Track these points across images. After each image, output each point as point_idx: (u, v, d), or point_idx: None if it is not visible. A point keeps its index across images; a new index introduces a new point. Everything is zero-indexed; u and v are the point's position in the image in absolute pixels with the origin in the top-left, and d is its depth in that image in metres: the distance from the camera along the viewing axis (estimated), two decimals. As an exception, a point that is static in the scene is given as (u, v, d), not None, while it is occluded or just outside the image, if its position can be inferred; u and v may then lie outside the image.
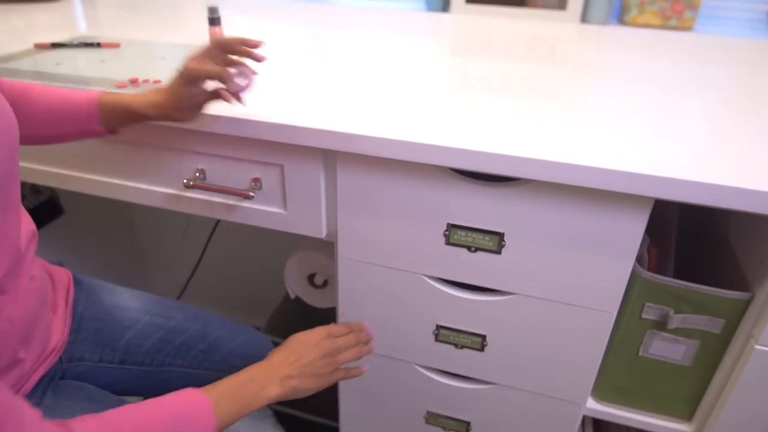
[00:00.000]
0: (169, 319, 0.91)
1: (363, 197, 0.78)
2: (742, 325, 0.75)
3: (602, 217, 0.69)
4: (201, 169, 0.85)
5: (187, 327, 0.92)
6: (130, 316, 0.87)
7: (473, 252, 0.77)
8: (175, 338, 0.90)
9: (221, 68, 0.67)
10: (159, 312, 0.91)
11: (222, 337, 0.94)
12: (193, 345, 0.91)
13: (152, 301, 0.93)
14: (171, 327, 0.90)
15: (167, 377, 0.90)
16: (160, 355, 0.88)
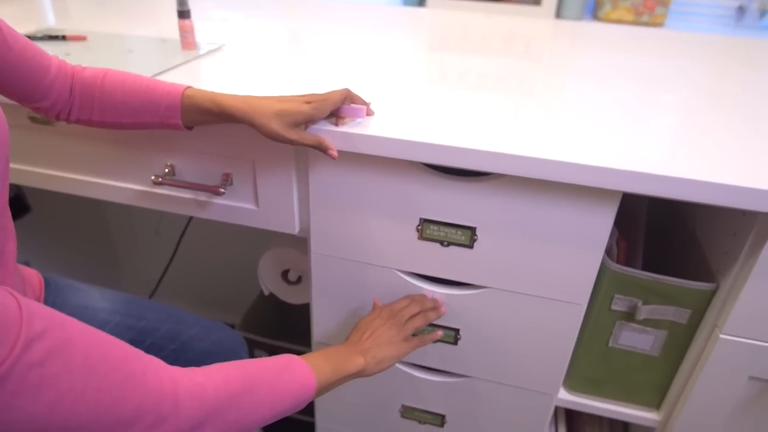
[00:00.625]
0: (139, 319, 0.89)
1: (335, 193, 0.78)
2: (708, 315, 0.76)
3: (572, 211, 0.70)
4: (170, 165, 0.84)
5: (158, 327, 0.90)
6: (99, 317, 0.85)
7: (446, 246, 0.77)
8: (145, 339, 0.88)
9: (321, 138, 0.70)
10: (129, 312, 0.89)
11: (194, 336, 0.92)
12: (164, 345, 0.89)
13: (123, 301, 0.91)
14: (141, 327, 0.88)
15: None
16: None
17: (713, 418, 0.81)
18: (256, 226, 0.84)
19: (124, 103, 0.71)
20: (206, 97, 0.69)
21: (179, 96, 0.69)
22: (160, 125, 0.72)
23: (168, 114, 0.70)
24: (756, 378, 0.76)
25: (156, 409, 0.47)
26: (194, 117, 0.70)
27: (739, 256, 0.71)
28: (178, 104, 0.69)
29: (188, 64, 0.93)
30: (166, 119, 0.71)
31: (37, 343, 0.40)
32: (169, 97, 0.70)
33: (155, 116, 0.71)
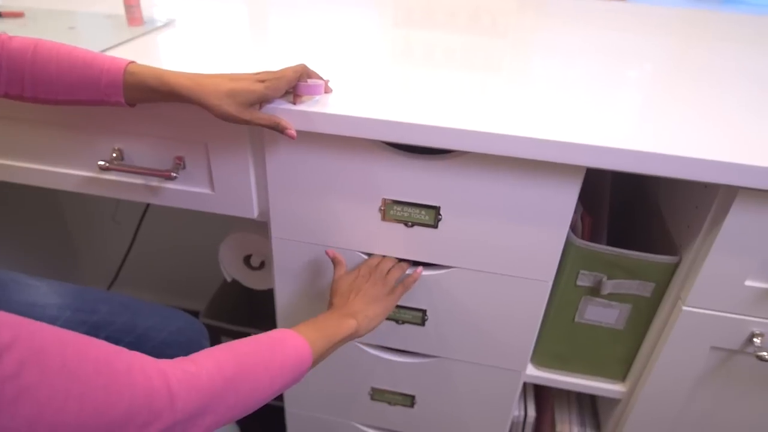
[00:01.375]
0: (92, 312, 0.85)
1: (294, 174, 0.75)
2: (671, 287, 0.77)
3: (536, 187, 0.69)
4: (118, 149, 0.79)
5: (113, 320, 0.86)
6: (48, 313, 0.81)
7: (410, 227, 0.75)
8: (99, 333, 0.83)
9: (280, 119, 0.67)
10: (81, 306, 0.85)
11: (152, 326, 0.88)
12: (120, 338, 0.85)
13: (74, 294, 0.86)
14: (95, 321, 0.84)
15: None
16: None
17: (676, 387, 0.82)
18: (213, 211, 0.81)
19: (59, 78, 0.65)
20: (151, 74, 0.64)
21: (121, 72, 0.64)
22: (100, 102, 0.67)
23: (109, 91, 0.65)
24: (717, 348, 0.77)
25: (148, 406, 0.45)
26: (137, 95, 0.66)
27: (701, 229, 0.71)
28: (120, 81, 0.65)
29: (135, 41, 0.87)
30: (107, 96, 0.66)
31: (7, 355, 0.37)
32: (110, 73, 0.65)
33: (95, 93, 0.66)
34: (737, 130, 0.68)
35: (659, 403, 0.84)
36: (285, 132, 0.66)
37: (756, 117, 0.72)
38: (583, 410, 1.02)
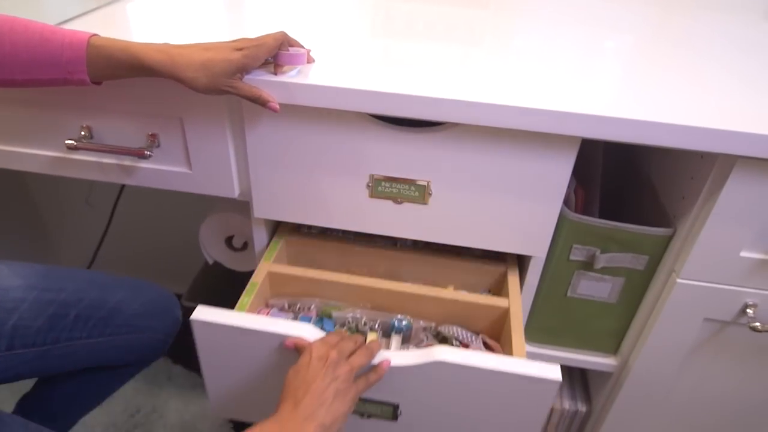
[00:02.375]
0: (59, 291, 0.80)
1: (276, 150, 0.71)
2: (665, 260, 0.76)
3: (530, 160, 0.66)
4: (86, 127, 0.74)
5: (82, 297, 0.81)
6: (12, 296, 0.76)
7: (399, 204, 0.72)
8: (68, 311, 0.79)
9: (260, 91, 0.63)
10: (47, 286, 0.80)
11: (122, 300, 0.85)
12: (90, 315, 0.81)
13: (38, 275, 0.82)
14: (63, 300, 0.80)
15: (65, 353, 0.80)
16: (54, 332, 0.78)
17: (668, 360, 0.82)
18: (191, 191, 0.77)
19: (15, 56, 0.60)
20: (118, 47, 0.59)
21: (84, 46, 0.59)
22: (63, 82, 0.62)
23: (72, 68, 0.60)
24: (710, 320, 0.76)
25: None
26: (103, 71, 0.61)
27: (696, 200, 0.69)
28: (83, 56, 0.59)
29: (101, 10, 0.81)
30: (70, 74, 0.61)
31: None
32: (72, 47, 0.59)
33: (56, 71, 0.60)
34: (731, 99, 0.66)
35: (651, 376, 0.84)
36: (267, 105, 0.62)
37: (747, 86, 0.70)
38: (573, 384, 1.01)
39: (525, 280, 0.79)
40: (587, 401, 0.98)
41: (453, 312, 0.75)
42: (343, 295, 0.77)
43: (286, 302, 0.78)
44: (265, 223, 0.81)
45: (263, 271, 0.77)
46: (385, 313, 0.75)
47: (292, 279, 0.77)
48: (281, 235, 0.84)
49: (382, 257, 0.83)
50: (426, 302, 0.75)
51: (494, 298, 0.76)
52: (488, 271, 0.82)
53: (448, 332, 0.73)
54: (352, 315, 0.74)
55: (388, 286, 0.76)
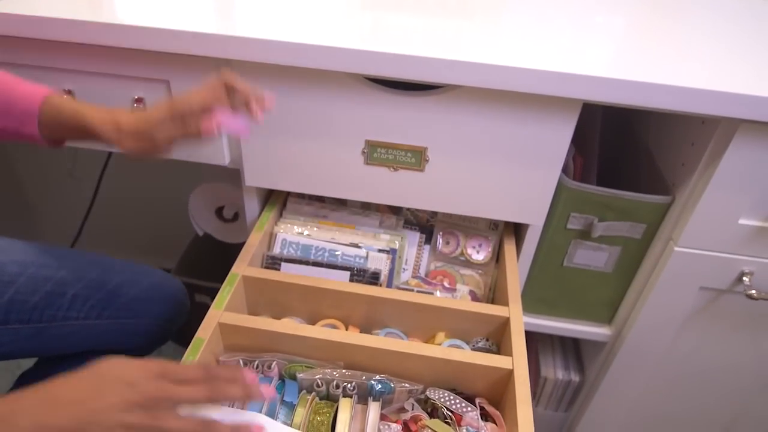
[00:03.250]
0: (58, 269, 0.79)
1: (268, 114, 0.68)
2: (662, 228, 0.75)
3: (530, 125, 0.64)
4: (68, 91, 0.71)
5: (81, 276, 0.80)
6: (9, 270, 0.75)
7: (395, 171, 0.70)
8: (66, 290, 0.78)
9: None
10: (45, 262, 0.79)
11: (123, 282, 0.83)
12: (89, 295, 0.80)
13: (37, 251, 0.80)
14: (61, 278, 0.78)
15: (62, 333, 0.79)
16: (51, 309, 0.77)
17: (663, 329, 0.82)
18: (180, 158, 0.74)
19: None
20: (69, 108, 0.58)
21: (39, 100, 0.58)
22: (15, 133, 0.60)
23: (24, 120, 0.58)
24: (706, 288, 0.76)
25: None
26: (54, 129, 0.60)
27: (696, 167, 0.68)
28: (36, 110, 0.58)
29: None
30: (22, 125, 0.59)
31: None
32: (27, 100, 0.58)
33: (9, 120, 0.59)
34: (735, 64, 0.65)
35: (645, 345, 0.84)
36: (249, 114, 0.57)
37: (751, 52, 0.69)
38: (566, 354, 1.02)
39: (521, 251, 0.78)
40: (580, 371, 0.99)
41: (444, 371, 0.63)
42: (310, 349, 0.64)
43: (241, 359, 0.64)
44: (256, 193, 0.79)
45: (212, 321, 0.63)
46: (361, 372, 0.62)
47: (248, 331, 0.64)
48: (273, 204, 0.82)
49: (360, 300, 0.69)
50: (411, 360, 0.62)
51: (495, 357, 0.62)
52: (485, 317, 0.69)
53: (438, 399, 0.61)
54: (322, 376, 0.61)
55: (364, 341, 0.63)
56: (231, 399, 0.44)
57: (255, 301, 0.72)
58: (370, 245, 0.76)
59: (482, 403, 0.62)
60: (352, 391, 0.61)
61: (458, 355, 0.62)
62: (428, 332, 0.71)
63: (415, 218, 0.82)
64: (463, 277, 0.79)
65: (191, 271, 1.26)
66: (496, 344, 0.69)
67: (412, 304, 0.68)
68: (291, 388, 0.60)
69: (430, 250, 0.81)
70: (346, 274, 0.73)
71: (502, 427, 0.58)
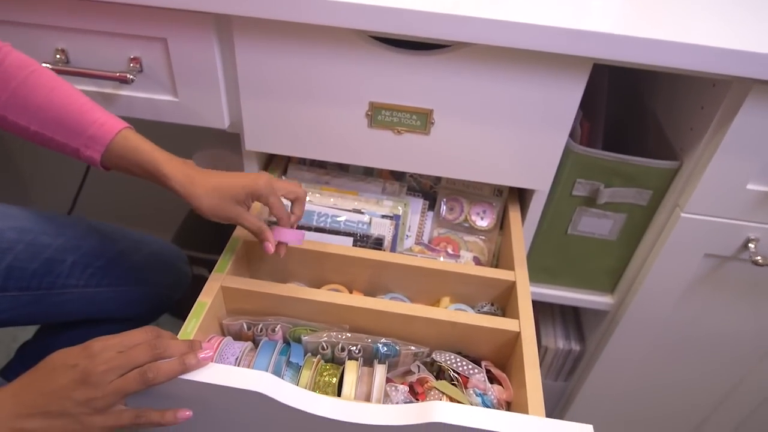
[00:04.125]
0: (57, 236, 0.77)
1: (269, 74, 0.66)
2: (669, 194, 0.74)
3: (538, 86, 0.63)
4: (62, 50, 0.68)
5: (80, 244, 0.79)
6: (7, 236, 0.73)
7: (399, 134, 0.69)
8: (66, 257, 0.77)
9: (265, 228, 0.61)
10: (45, 229, 0.77)
11: (123, 251, 0.82)
12: (89, 262, 0.78)
13: (36, 218, 0.79)
14: (60, 245, 0.77)
15: (61, 300, 0.78)
16: (50, 276, 0.76)
17: (666, 297, 0.81)
18: (178, 121, 0.72)
19: (42, 108, 0.58)
20: (145, 149, 0.59)
21: (114, 131, 0.58)
22: (73, 152, 0.60)
23: (90, 144, 0.58)
24: (711, 255, 0.76)
25: None
26: (119, 161, 0.60)
27: (706, 131, 0.67)
28: (108, 139, 0.58)
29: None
30: (85, 147, 0.59)
31: None
32: (102, 128, 0.58)
33: (74, 139, 0.59)
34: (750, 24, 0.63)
35: (647, 313, 0.84)
36: (263, 243, 0.61)
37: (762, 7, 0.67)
38: (567, 324, 1.02)
39: (526, 218, 0.77)
40: (581, 341, 0.99)
41: (450, 334, 0.62)
42: (315, 313, 0.63)
43: (245, 323, 0.63)
44: (256, 158, 0.77)
45: (215, 285, 0.62)
46: (366, 335, 0.62)
47: (251, 294, 0.63)
48: (273, 171, 0.80)
49: (364, 265, 0.68)
50: (417, 323, 0.61)
51: (502, 320, 0.61)
52: (490, 281, 0.67)
53: (444, 362, 0.61)
54: (327, 339, 0.60)
55: (369, 304, 0.61)
56: (172, 354, 0.48)
57: (257, 266, 0.71)
58: (373, 211, 0.75)
59: (488, 365, 0.62)
60: (357, 354, 0.60)
61: (465, 317, 0.61)
62: (433, 297, 0.70)
63: (419, 185, 0.80)
64: (467, 243, 0.78)
65: (189, 242, 1.25)
66: (501, 309, 0.69)
67: (417, 268, 0.67)
68: (296, 350, 0.60)
69: (434, 216, 0.79)
70: (349, 240, 0.72)
71: (509, 390, 0.58)
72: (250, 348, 0.59)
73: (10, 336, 1.21)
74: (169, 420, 0.49)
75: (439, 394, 0.55)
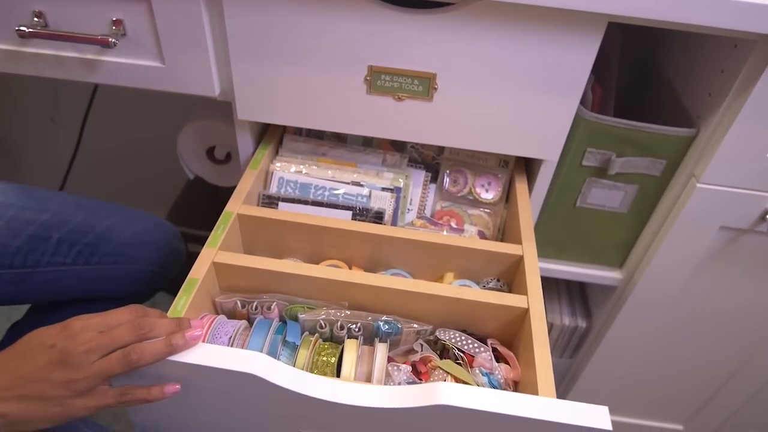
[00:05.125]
0: (41, 211, 0.74)
1: (261, 37, 0.62)
2: (684, 164, 0.71)
3: (549, 46, 0.59)
4: (39, 12, 0.64)
5: (66, 220, 0.75)
6: None
7: (400, 101, 0.65)
8: (51, 233, 0.74)
9: None
10: (27, 204, 0.74)
11: (112, 226, 0.79)
12: (76, 239, 0.75)
13: (18, 192, 0.75)
14: (45, 221, 0.74)
15: (48, 279, 0.75)
16: (34, 254, 0.73)
17: (677, 272, 0.78)
18: (165, 89, 0.68)
19: None
20: None
21: None
22: None
23: None
24: (726, 227, 0.73)
25: None
26: None
27: (725, 96, 0.63)
28: None
29: None
30: None
31: None
32: None
33: None
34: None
35: (657, 288, 0.81)
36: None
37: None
38: (573, 300, 0.99)
39: (533, 190, 0.74)
40: (587, 317, 0.96)
41: (455, 311, 0.59)
42: (312, 289, 0.59)
43: (239, 300, 0.60)
44: (249, 128, 0.73)
45: (206, 261, 0.59)
46: (366, 313, 0.59)
47: (245, 271, 0.59)
48: (267, 143, 0.76)
49: (364, 240, 0.65)
50: (420, 299, 0.58)
51: (510, 296, 0.58)
52: (497, 256, 0.64)
53: (448, 340, 0.58)
54: (325, 317, 0.57)
55: (369, 280, 0.58)
56: (158, 334, 0.45)
57: (251, 241, 0.68)
58: (373, 184, 0.71)
59: (494, 343, 0.59)
60: (357, 332, 0.57)
61: (471, 294, 0.58)
62: (436, 273, 0.67)
63: (420, 156, 0.77)
64: (471, 217, 0.75)
65: (183, 218, 1.22)
66: (507, 284, 0.66)
67: (420, 242, 0.64)
68: (293, 328, 0.56)
69: (437, 189, 0.76)
70: (348, 214, 0.69)
71: (516, 369, 0.55)
72: (245, 327, 0.56)
73: (5, 316, 1.18)
74: (156, 395, 0.45)
75: (443, 374, 0.52)
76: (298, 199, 0.69)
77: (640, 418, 1.08)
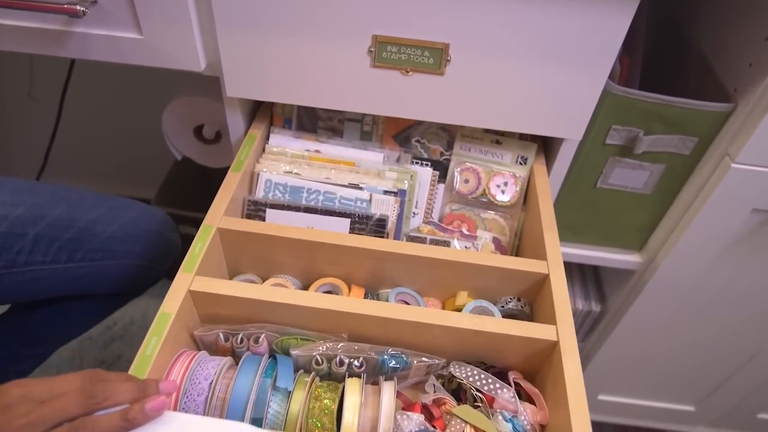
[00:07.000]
0: (14, 206, 0.67)
1: (251, 3, 0.55)
2: (717, 142, 0.65)
3: (578, 11, 0.52)
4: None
5: (43, 214, 0.68)
6: None
7: (408, 75, 0.58)
8: (26, 230, 0.67)
9: None
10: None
11: (97, 219, 0.72)
12: (55, 235, 0.68)
13: None
14: (18, 216, 0.66)
15: (26, 279, 0.68)
16: (9, 253, 0.66)
17: (702, 256, 0.74)
18: (144, 63, 0.61)
19: None
20: None
21: None
22: None
23: None
24: (759, 210, 0.67)
25: None
26: None
27: (769, 66, 0.57)
28: None
29: None
30: None
31: None
32: None
33: None
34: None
35: (679, 272, 0.76)
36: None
37: None
38: (586, 283, 0.94)
39: (551, 171, 0.68)
40: (601, 301, 0.92)
41: (471, 343, 0.51)
42: (306, 318, 0.51)
43: (221, 332, 0.51)
44: (240, 106, 0.66)
45: (181, 289, 0.50)
46: (369, 345, 0.51)
47: (227, 300, 0.51)
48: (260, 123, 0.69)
49: (364, 256, 0.56)
50: (431, 330, 0.50)
51: (536, 327, 0.50)
52: (517, 274, 0.56)
53: (465, 379, 0.50)
54: (322, 351, 0.49)
55: (372, 310, 0.50)
56: (116, 402, 0.39)
57: (236, 257, 0.60)
58: (374, 186, 0.64)
59: (516, 377, 0.52)
60: (359, 368, 0.49)
61: (491, 325, 0.50)
62: (447, 291, 0.59)
63: (427, 152, 0.68)
64: (485, 221, 0.67)
65: (172, 201, 1.15)
66: (528, 304, 0.59)
67: (428, 259, 0.56)
68: (284, 368, 0.48)
69: (446, 189, 0.68)
70: (345, 221, 0.61)
71: (543, 410, 0.49)
72: (229, 365, 0.49)
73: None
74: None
75: (461, 424, 0.46)
76: (289, 205, 0.62)
77: (651, 400, 1.05)
